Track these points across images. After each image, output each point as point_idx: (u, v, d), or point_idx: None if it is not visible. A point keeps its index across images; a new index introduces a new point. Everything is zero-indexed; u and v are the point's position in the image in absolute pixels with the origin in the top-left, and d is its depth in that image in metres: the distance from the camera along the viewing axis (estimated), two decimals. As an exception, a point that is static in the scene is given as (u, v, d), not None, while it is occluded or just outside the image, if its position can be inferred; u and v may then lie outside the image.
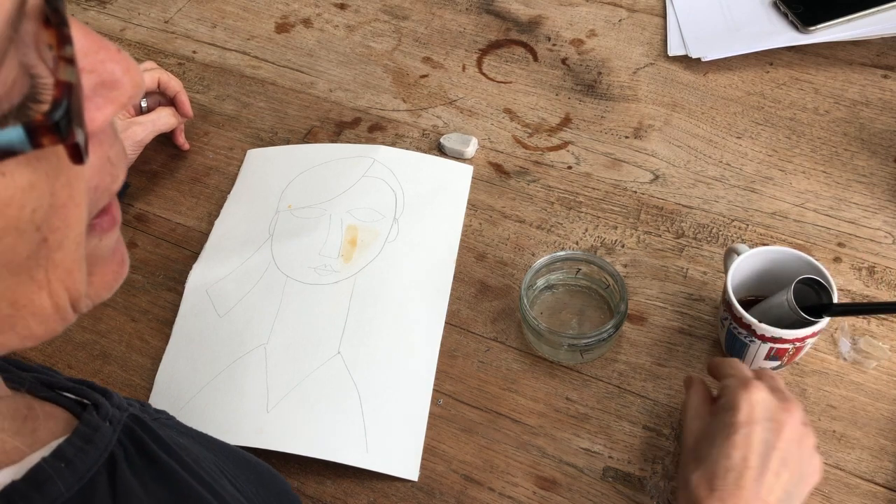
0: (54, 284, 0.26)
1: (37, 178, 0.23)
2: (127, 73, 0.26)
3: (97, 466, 0.35)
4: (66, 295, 0.27)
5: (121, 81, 0.26)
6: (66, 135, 0.22)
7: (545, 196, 0.79)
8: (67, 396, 0.39)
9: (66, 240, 0.26)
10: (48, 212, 0.24)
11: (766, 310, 0.61)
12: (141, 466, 0.37)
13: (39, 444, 0.34)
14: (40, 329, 0.27)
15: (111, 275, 0.31)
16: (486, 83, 0.91)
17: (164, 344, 0.71)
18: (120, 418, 0.39)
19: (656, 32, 0.94)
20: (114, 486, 0.35)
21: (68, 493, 0.33)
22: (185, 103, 0.83)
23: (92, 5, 1.06)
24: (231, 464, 0.45)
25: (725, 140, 0.82)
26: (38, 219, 0.24)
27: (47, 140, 0.22)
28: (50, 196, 0.24)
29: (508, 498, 0.61)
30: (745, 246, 0.64)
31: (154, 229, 0.81)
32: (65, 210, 0.25)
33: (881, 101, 0.83)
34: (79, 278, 0.27)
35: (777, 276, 0.62)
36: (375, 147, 0.83)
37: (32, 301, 0.26)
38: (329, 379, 0.66)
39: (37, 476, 0.32)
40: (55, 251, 0.25)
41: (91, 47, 0.25)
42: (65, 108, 0.22)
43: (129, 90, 0.26)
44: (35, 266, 0.25)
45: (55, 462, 0.33)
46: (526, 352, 0.68)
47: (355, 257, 0.74)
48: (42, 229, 0.24)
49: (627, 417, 0.64)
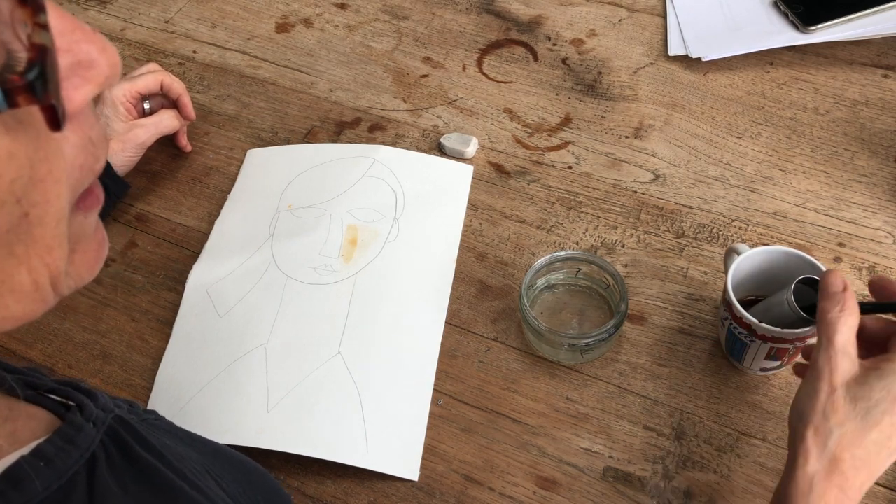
0: (34, 261, 0.27)
1: (15, 147, 0.24)
2: (103, 52, 0.26)
3: (77, 466, 0.35)
4: (47, 272, 0.27)
5: (97, 61, 0.26)
6: (41, 96, 0.23)
7: (545, 196, 0.79)
8: (51, 398, 0.39)
9: (46, 216, 0.26)
10: (28, 185, 0.25)
11: (766, 309, 0.61)
12: (122, 468, 0.37)
13: (19, 444, 0.34)
14: (18, 308, 0.27)
15: (92, 254, 0.31)
16: (487, 83, 0.91)
17: (164, 344, 0.71)
18: (104, 419, 0.39)
19: (656, 32, 0.94)
20: (92, 486, 0.35)
21: (46, 493, 0.33)
22: (188, 106, 0.83)
23: (92, 5, 1.06)
24: (218, 464, 0.45)
25: (726, 140, 0.82)
26: (17, 190, 0.24)
27: (23, 99, 0.23)
28: (29, 168, 0.25)
29: (508, 498, 0.61)
30: (746, 246, 0.64)
31: (154, 229, 0.81)
32: (44, 185, 0.26)
33: (881, 100, 0.83)
34: (59, 255, 0.28)
35: (777, 275, 0.62)
36: (376, 147, 0.83)
37: (11, 276, 0.26)
38: (329, 379, 0.66)
39: (14, 474, 0.32)
40: (35, 226, 0.26)
41: (66, 28, 0.26)
42: (39, 69, 0.23)
43: (105, 69, 0.26)
44: (15, 241, 0.25)
45: (34, 461, 0.33)
46: (526, 352, 0.68)
47: (355, 257, 0.74)
48: (22, 203, 0.25)
49: (628, 417, 0.64)
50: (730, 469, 0.61)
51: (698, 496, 0.60)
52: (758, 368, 0.64)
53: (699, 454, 0.62)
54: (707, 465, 0.61)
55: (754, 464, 0.61)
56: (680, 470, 0.61)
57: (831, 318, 0.50)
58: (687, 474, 0.61)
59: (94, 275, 0.31)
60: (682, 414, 0.64)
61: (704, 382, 0.65)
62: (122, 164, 0.78)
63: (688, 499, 0.60)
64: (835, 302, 0.51)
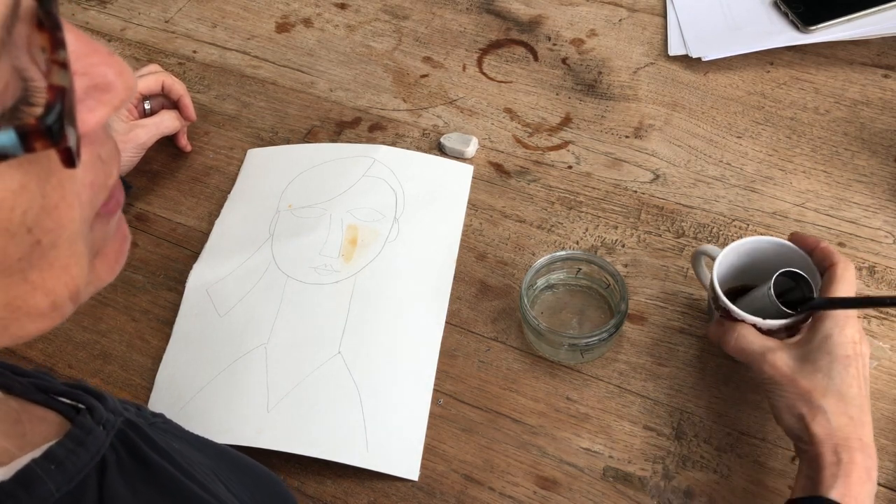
0: (50, 283, 0.26)
1: (28, 180, 0.23)
2: (120, 76, 0.26)
3: (88, 469, 0.35)
4: (66, 291, 0.27)
5: (113, 84, 0.26)
6: (58, 139, 0.22)
7: (545, 196, 0.79)
8: (62, 401, 0.39)
9: (59, 240, 0.26)
10: (39, 213, 0.24)
11: (750, 302, 0.61)
12: (132, 470, 0.37)
13: (30, 446, 0.34)
14: (34, 327, 0.27)
15: (113, 255, 0.31)
16: (487, 83, 0.91)
17: (164, 344, 0.71)
18: (114, 422, 0.39)
19: (657, 32, 0.94)
20: (102, 489, 0.35)
21: (57, 495, 0.33)
22: (189, 107, 0.83)
23: (92, 5, 1.06)
24: (227, 468, 0.45)
25: (726, 140, 0.82)
26: (29, 220, 0.24)
27: (40, 144, 0.22)
28: (41, 198, 0.24)
29: (509, 497, 0.61)
30: (716, 248, 0.63)
31: (154, 229, 0.81)
32: (57, 211, 0.25)
33: (881, 100, 0.83)
34: (77, 274, 0.27)
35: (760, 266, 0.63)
36: (376, 147, 0.83)
37: (27, 302, 0.26)
38: (329, 379, 0.66)
39: (26, 477, 0.32)
40: (49, 251, 0.26)
41: (83, 50, 0.25)
42: (58, 112, 0.22)
43: (121, 93, 0.26)
44: (28, 267, 0.25)
45: (45, 463, 0.33)
46: (526, 351, 0.68)
47: (356, 257, 0.74)
48: (34, 231, 0.24)
49: (628, 417, 0.64)
50: (730, 469, 0.61)
51: (698, 496, 0.60)
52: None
53: (699, 454, 0.62)
54: (707, 465, 0.61)
55: (754, 464, 0.61)
56: (680, 470, 0.61)
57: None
58: (687, 474, 0.61)
59: (115, 275, 0.31)
60: (682, 414, 0.64)
61: (704, 382, 0.65)
62: (123, 165, 0.78)
63: (688, 499, 0.60)
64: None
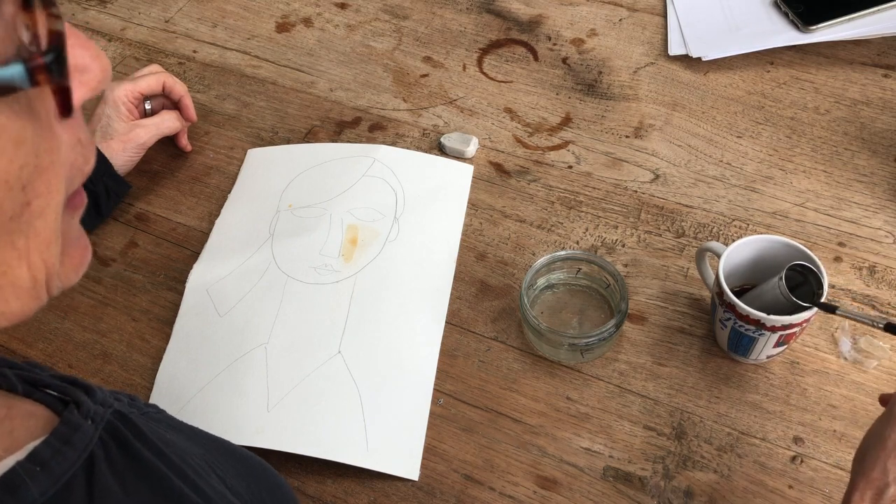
0: (33, 255, 0.27)
1: (25, 134, 0.25)
2: (96, 59, 0.27)
3: (74, 468, 0.35)
4: (44, 268, 0.28)
5: (90, 66, 0.27)
6: (61, 75, 0.24)
7: (546, 195, 0.79)
8: (50, 394, 0.39)
9: (47, 208, 0.27)
10: (33, 173, 0.26)
11: (758, 297, 0.62)
12: (122, 465, 0.37)
13: (17, 446, 0.34)
14: (17, 304, 0.28)
15: (78, 258, 0.32)
16: (487, 82, 0.91)
17: (164, 343, 0.71)
18: (103, 415, 0.38)
19: (657, 32, 0.94)
20: (91, 487, 0.35)
21: (42, 498, 0.32)
22: (190, 107, 0.83)
23: (92, 5, 1.06)
24: (221, 458, 0.45)
25: (726, 139, 0.82)
26: (24, 177, 0.25)
27: (43, 78, 0.24)
28: (35, 157, 0.26)
29: (509, 497, 0.61)
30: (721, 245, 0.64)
31: (155, 229, 0.81)
32: (47, 175, 0.26)
33: (882, 100, 0.83)
34: (54, 252, 0.29)
35: (763, 265, 0.63)
36: (376, 146, 0.83)
37: (12, 268, 0.27)
38: (329, 378, 0.66)
39: (10, 481, 0.32)
40: (36, 218, 0.27)
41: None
42: (56, 53, 0.24)
43: (98, 74, 0.28)
44: (16, 230, 0.26)
45: (30, 465, 0.33)
46: (526, 351, 0.68)
47: (356, 257, 0.74)
48: (27, 190, 0.26)
49: (628, 417, 0.64)
50: (730, 469, 0.61)
51: (698, 496, 0.60)
52: (765, 357, 0.64)
53: (699, 454, 0.62)
54: (707, 464, 0.61)
55: (754, 464, 0.61)
56: (680, 469, 0.61)
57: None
58: (687, 474, 0.61)
59: (79, 277, 0.32)
60: (682, 414, 0.64)
61: (704, 382, 0.65)
62: (123, 164, 0.78)
63: (688, 498, 0.60)
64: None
